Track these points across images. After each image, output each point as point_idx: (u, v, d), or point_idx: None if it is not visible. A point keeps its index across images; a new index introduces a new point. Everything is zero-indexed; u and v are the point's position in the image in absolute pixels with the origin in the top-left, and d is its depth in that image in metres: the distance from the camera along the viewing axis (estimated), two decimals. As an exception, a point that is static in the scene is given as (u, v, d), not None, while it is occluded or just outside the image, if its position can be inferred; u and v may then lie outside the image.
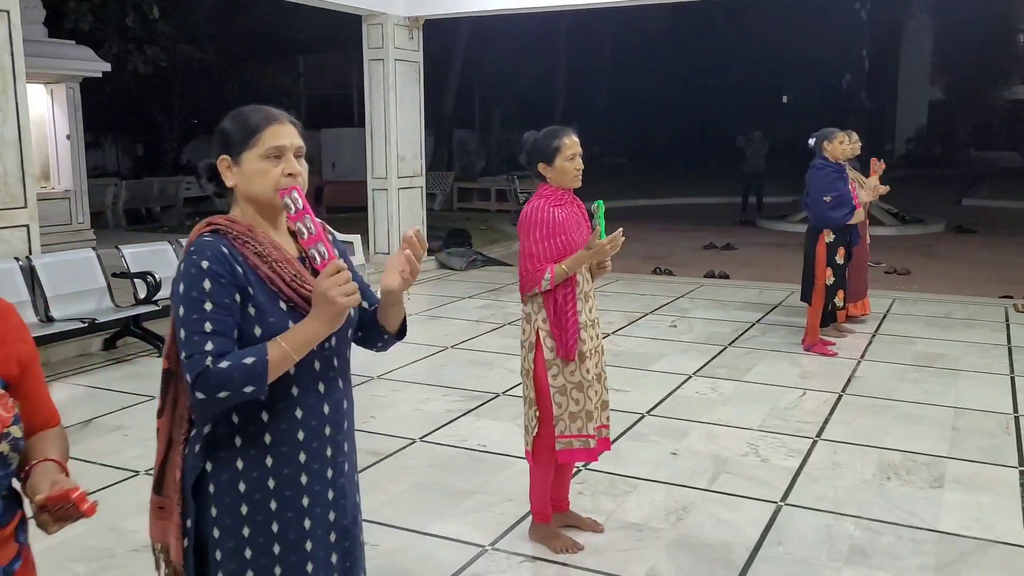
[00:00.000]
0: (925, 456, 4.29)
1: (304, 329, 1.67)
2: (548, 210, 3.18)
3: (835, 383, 5.55)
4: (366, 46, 9.44)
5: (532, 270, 3.16)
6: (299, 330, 1.67)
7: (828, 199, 5.90)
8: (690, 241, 13.42)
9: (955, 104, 35.06)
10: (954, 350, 6.35)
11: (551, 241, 3.16)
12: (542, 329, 3.22)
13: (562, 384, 3.23)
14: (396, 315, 1.91)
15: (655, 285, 9.19)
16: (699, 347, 6.47)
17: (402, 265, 1.78)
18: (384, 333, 1.95)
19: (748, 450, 4.38)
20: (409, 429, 4.67)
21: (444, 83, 21.60)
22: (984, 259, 11.51)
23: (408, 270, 1.78)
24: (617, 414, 4.85)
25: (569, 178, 3.23)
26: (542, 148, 3.22)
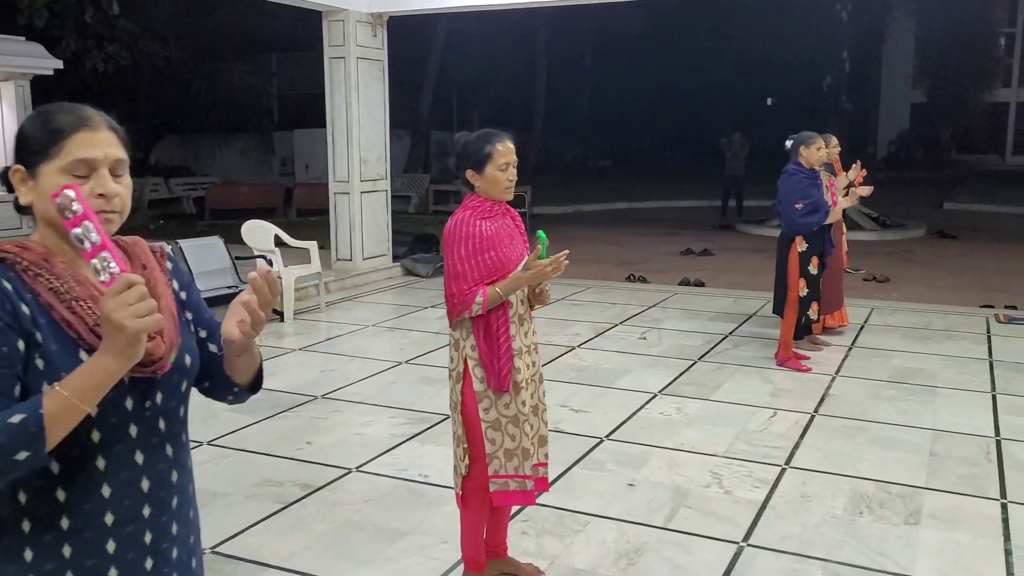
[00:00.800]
0: (900, 487, 3.97)
1: (91, 368, 1.28)
2: (475, 223, 2.83)
3: (808, 402, 5.23)
4: (327, 43, 9.07)
5: (460, 292, 2.81)
6: (84, 370, 1.28)
7: (800, 206, 5.59)
8: (668, 246, 13.12)
9: (937, 107, 35.06)
10: (933, 364, 6.05)
11: (479, 258, 2.80)
12: (471, 358, 2.87)
13: (495, 418, 2.88)
14: (246, 366, 1.56)
15: (628, 293, 8.86)
16: (667, 362, 6.15)
17: (241, 314, 1.43)
18: (233, 385, 1.60)
19: (711, 480, 4.05)
20: (346, 457, 4.31)
21: (421, 83, 21.23)
22: (965, 265, 11.27)
23: (248, 321, 1.43)
24: (574, 439, 4.54)
25: (500, 189, 2.88)
26: (472, 153, 2.87)
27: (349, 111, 9.06)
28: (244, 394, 1.62)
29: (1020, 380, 5.68)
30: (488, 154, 2.84)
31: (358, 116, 9.09)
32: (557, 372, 5.87)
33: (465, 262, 2.80)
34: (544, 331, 7.08)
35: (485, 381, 2.86)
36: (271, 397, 5.30)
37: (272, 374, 5.74)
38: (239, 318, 1.43)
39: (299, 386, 5.54)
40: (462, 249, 2.81)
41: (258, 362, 1.59)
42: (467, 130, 3.07)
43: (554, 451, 4.38)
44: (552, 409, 5.04)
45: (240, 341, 1.45)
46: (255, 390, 1.63)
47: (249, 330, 1.43)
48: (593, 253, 12.52)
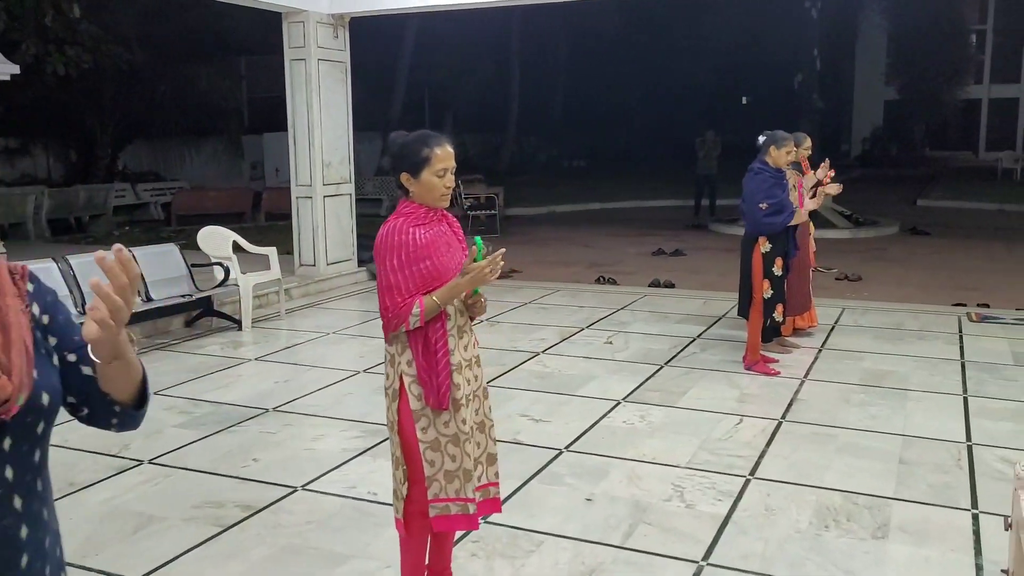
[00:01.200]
0: (868, 497, 3.83)
1: None
2: (408, 231, 2.64)
3: (775, 408, 5.09)
4: (287, 45, 8.86)
5: (394, 305, 2.62)
6: None
7: (764, 206, 5.45)
8: (640, 247, 12.99)
9: (910, 104, 35.25)
10: (904, 366, 5.93)
11: (414, 268, 2.62)
12: (407, 374, 2.69)
13: (434, 438, 2.70)
14: (122, 376, 1.34)
15: (596, 296, 8.71)
16: (633, 367, 5.99)
17: (96, 304, 1.22)
18: (114, 404, 1.39)
19: (672, 493, 3.89)
20: (292, 474, 4.11)
21: (391, 85, 21.01)
22: (937, 263, 11.21)
23: (104, 311, 1.22)
24: (532, 451, 4.37)
25: (435, 196, 2.70)
26: (408, 155, 2.69)
27: (310, 114, 8.85)
28: (129, 414, 1.41)
29: (992, 381, 5.57)
30: (425, 158, 2.66)
31: (320, 119, 8.88)
32: (519, 380, 5.71)
33: (399, 272, 2.62)
34: (509, 336, 6.94)
35: (423, 399, 2.68)
36: (220, 411, 5.10)
37: (223, 387, 5.56)
38: (91, 308, 1.23)
39: (251, 399, 5.32)
40: (395, 259, 2.62)
41: (138, 370, 1.39)
42: (440, 132, 2.90)
43: (512, 464, 4.23)
44: (512, 419, 4.89)
45: (102, 339, 1.24)
46: (141, 407, 1.43)
47: (106, 319, 1.22)
48: (564, 255, 12.38)
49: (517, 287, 9.30)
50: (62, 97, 16.08)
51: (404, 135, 2.77)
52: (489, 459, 2.86)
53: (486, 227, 14.98)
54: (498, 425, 4.79)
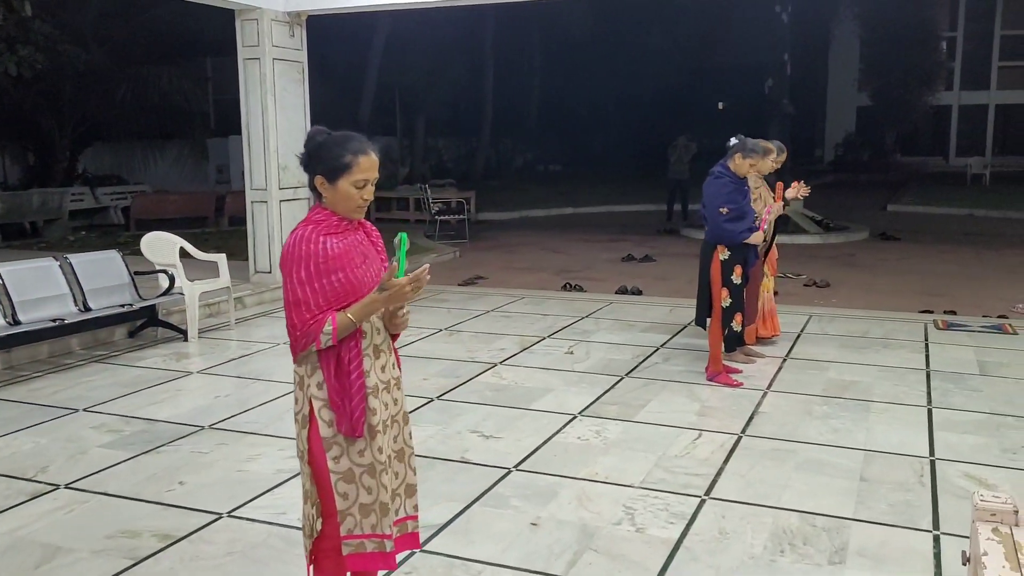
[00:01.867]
0: (826, 518, 3.64)
1: None
2: (318, 240, 2.40)
3: (735, 422, 4.90)
4: (240, 44, 8.59)
5: (302, 322, 2.38)
6: None
7: (724, 211, 5.26)
8: (610, 252, 12.80)
9: (882, 110, 35.47)
10: (868, 376, 5.77)
11: (323, 281, 2.38)
12: (317, 398, 2.45)
13: (347, 468, 2.46)
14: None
15: (561, 304, 8.49)
16: (592, 379, 5.78)
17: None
18: None
19: (623, 516, 3.68)
20: (219, 499, 3.85)
21: (360, 87, 20.72)
22: (906, 268, 11.11)
23: None
24: (479, 471, 4.15)
25: (350, 207, 2.46)
26: (326, 158, 2.44)
27: (265, 115, 8.58)
28: None
29: (956, 392, 5.42)
30: (346, 165, 2.42)
31: (275, 120, 8.61)
32: (473, 393, 5.48)
33: (307, 286, 2.37)
34: (468, 346, 6.72)
35: (334, 425, 2.45)
36: (153, 429, 4.83)
37: (159, 402, 5.29)
38: None
39: (187, 415, 5.06)
40: (302, 271, 2.38)
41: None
42: (411, 136, 2.66)
43: (457, 485, 4.00)
44: (462, 436, 4.67)
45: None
46: None
47: None
48: (532, 261, 12.17)
49: (481, 294, 9.08)
50: (17, 98, 15.64)
51: (325, 133, 2.52)
52: (408, 490, 2.62)
53: (456, 232, 14.75)
54: (446, 442, 4.60)
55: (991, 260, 11.88)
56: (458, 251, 12.78)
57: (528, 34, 29.36)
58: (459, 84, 25.15)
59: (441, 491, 3.93)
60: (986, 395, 5.34)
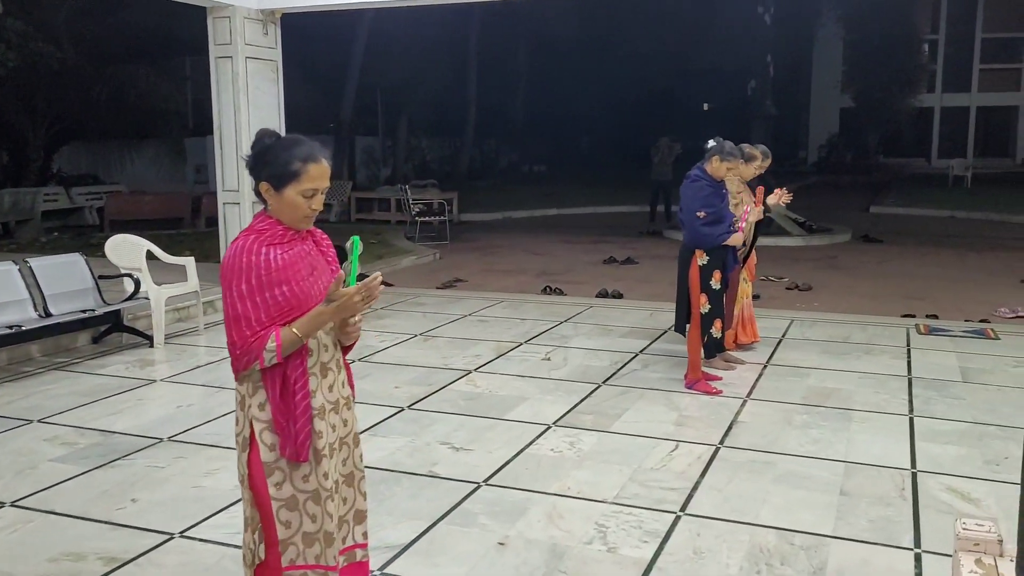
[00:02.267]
0: (805, 536, 3.50)
1: None
2: (260, 251, 2.24)
3: (714, 432, 4.76)
4: (211, 42, 8.39)
5: (243, 339, 2.21)
6: None
7: (702, 215, 5.13)
8: (592, 255, 12.67)
9: (865, 112, 35.58)
10: (850, 383, 5.65)
11: (266, 295, 2.21)
12: (258, 420, 2.29)
13: (290, 495, 2.30)
14: None
15: (540, 308, 8.35)
16: (568, 386, 5.63)
17: None
18: None
19: (594, 535, 3.53)
20: (172, 518, 3.67)
21: (342, 86, 20.51)
22: (888, 271, 11.04)
23: None
24: (447, 485, 3.99)
25: (297, 217, 2.29)
26: (272, 163, 2.27)
27: (238, 115, 8.38)
28: None
29: (938, 399, 5.30)
30: (294, 172, 2.25)
31: (248, 120, 8.41)
32: (445, 402, 5.32)
33: (247, 300, 2.21)
34: (443, 352, 6.55)
35: (277, 449, 2.28)
36: (108, 442, 4.64)
37: (118, 412, 5.10)
38: None
39: (146, 426, 4.87)
40: (243, 284, 2.21)
41: None
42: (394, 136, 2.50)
43: (423, 501, 3.84)
44: (431, 448, 4.51)
45: None
46: None
47: None
48: (513, 263, 12.02)
49: (459, 298, 8.91)
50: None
51: (272, 136, 2.33)
52: (357, 517, 2.47)
53: (437, 234, 14.59)
54: (415, 455, 4.44)
55: (973, 262, 11.83)
56: (438, 253, 12.62)
57: (513, 34, 29.20)
58: (443, 84, 24.98)
59: (406, 508, 3.77)
60: (968, 403, 5.23)
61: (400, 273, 10.92)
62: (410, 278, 10.49)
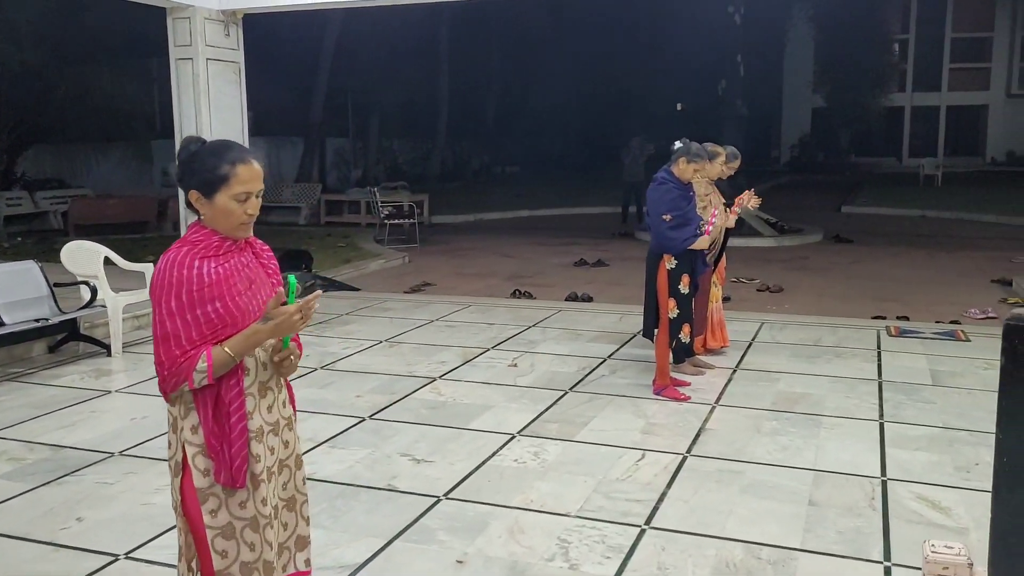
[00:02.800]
0: (772, 549, 3.42)
1: None
2: (192, 264, 2.11)
3: (681, 440, 4.67)
4: (171, 43, 8.19)
5: (171, 360, 2.08)
6: None
7: (668, 218, 5.05)
8: (563, 257, 12.59)
9: (836, 111, 35.81)
10: (820, 388, 5.59)
11: (197, 312, 2.08)
12: (191, 443, 2.16)
13: (226, 523, 2.17)
14: None
15: (509, 312, 8.24)
16: (534, 394, 5.52)
17: None
18: None
19: (556, 551, 3.42)
20: (117, 538, 3.52)
21: (311, 88, 20.29)
22: (859, 272, 11.05)
23: None
24: (406, 500, 3.87)
25: (232, 224, 2.16)
26: (200, 169, 2.15)
27: (199, 118, 8.19)
28: None
29: (908, 404, 5.26)
30: (223, 177, 2.12)
31: (210, 123, 8.22)
32: (407, 411, 5.19)
33: (177, 317, 2.08)
34: (408, 359, 6.42)
35: (211, 474, 2.15)
36: (58, 457, 4.47)
37: (70, 425, 4.92)
38: None
39: (97, 440, 4.70)
40: (173, 300, 2.08)
41: None
42: (364, 137, 2.36)
43: (380, 517, 3.72)
44: (391, 460, 4.39)
45: None
46: None
47: None
48: (483, 266, 11.91)
49: (426, 302, 8.79)
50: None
51: (198, 142, 2.21)
52: (299, 543, 2.34)
53: (407, 236, 14.45)
54: (374, 468, 4.31)
55: (943, 262, 11.88)
56: (407, 256, 12.48)
57: (484, 34, 29.10)
58: (414, 85, 24.82)
59: (362, 524, 3.64)
60: (939, 407, 5.18)
61: (368, 277, 10.77)
62: (378, 282, 10.35)
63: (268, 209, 18.40)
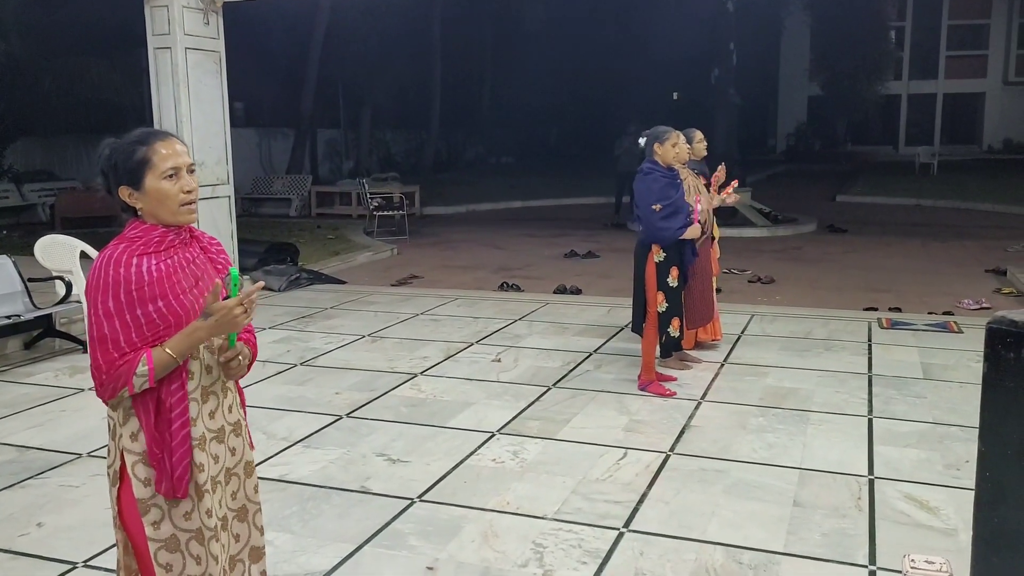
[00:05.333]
0: (754, 553, 3.31)
1: None
2: (130, 262, 1.98)
3: (664, 438, 4.56)
4: (149, 32, 8.04)
5: (109, 363, 1.95)
6: None
7: (658, 207, 4.92)
8: (553, 248, 12.46)
9: (832, 100, 35.63)
10: (808, 383, 5.47)
11: (136, 312, 1.95)
12: (130, 452, 2.04)
13: (170, 535, 2.05)
14: None
15: (495, 305, 8.11)
16: (517, 390, 5.40)
17: None
18: None
19: (530, 556, 3.31)
20: (77, 545, 3.40)
21: (302, 78, 20.09)
22: (852, 263, 10.93)
23: None
24: (379, 502, 3.75)
25: (173, 208, 2.04)
26: (120, 164, 2.03)
27: (178, 108, 8.05)
28: None
29: (898, 399, 5.14)
30: (143, 160, 2.00)
31: (189, 114, 8.08)
32: (386, 409, 5.07)
33: (115, 319, 1.95)
34: (390, 354, 6.30)
35: (152, 484, 2.03)
36: (24, 458, 4.35)
37: (38, 425, 4.80)
38: None
39: (65, 441, 4.58)
40: (110, 301, 1.96)
41: None
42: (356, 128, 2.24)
43: (351, 521, 3.60)
44: (366, 461, 4.27)
45: None
46: None
47: None
48: (472, 258, 11.77)
49: (412, 296, 8.66)
50: (-66, 91, 14.83)
51: (110, 141, 2.08)
52: (253, 554, 2.22)
53: (397, 228, 14.31)
54: (348, 468, 4.18)
55: (937, 252, 11.76)
56: (396, 248, 12.33)
57: (477, 24, 28.88)
58: (406, 75, 24.60)
59: (332, 529, 3.52)
60: (929, 402, 5.07)
61: (355, 270, 10.64)
62: (364, 275, 10.21)
63: (259, 201, 18.26)
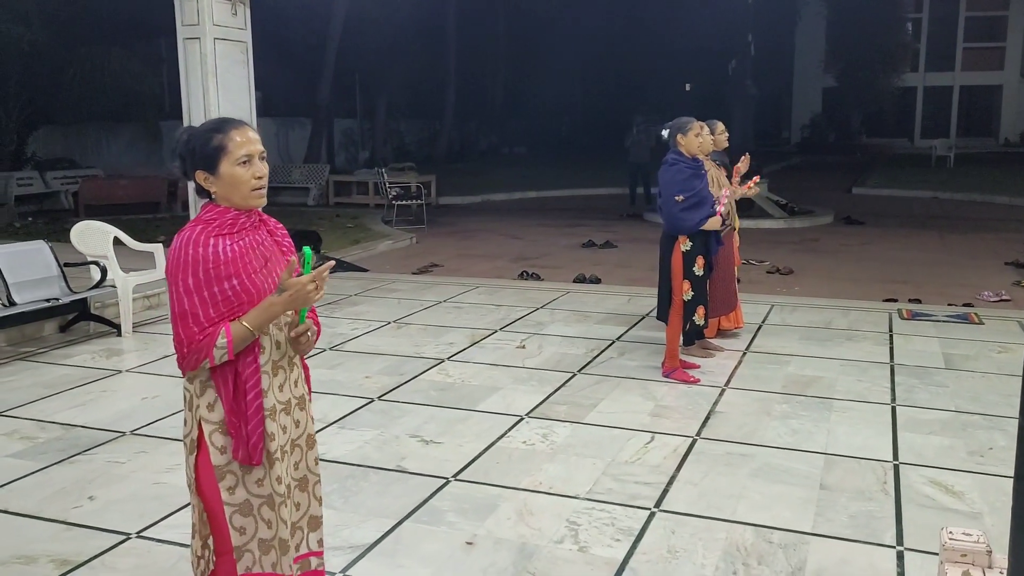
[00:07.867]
0: (783, 533, 3.41)
1: None
2: (207, 242, 2.10)
3: (691, 423, 4.66)
4: (179, 23, 8.15)
5: (190, 337, 2.07)
6: None
7: (681, 199, 5.01)
8: (571, 238, 12.55)
9: (847, 91, 35.49)
10: (831, 371, 5.56)
11: (214, 289, 2.08)
12: (208, 421, 2.16)
13: (243, 500, 2.17)
14: None
15: (516, 293, 8.21)
16: (542, 375, 5.51)
17: None
18: None
19: (565, 533, 3.42)
20: (129, 517, 3.54)
21: (319, 69, 20.20)
22: (870, 254, 10.98)
23: None
24: (415, 481, 3.87)
25: (244, 192, 2.16)
26: (197, 150, 2.15)
27: (207, 98, 8.16)
28: None
29: (921, 387, 5.23)
30: (219, 147, 2.13)
31: (217, 103, 8.18)
32: (417, 393, 5.19)
33: (195, 295, 2.07)
34: (416, 340, 6.42)
35: (228, 451, 2.15)
36: (70, 436, 4.49)
37: (81, 404, 4.94)
38: None
39: (109, 419, 4.72)
40: (190, 279, 2.08)
41: None
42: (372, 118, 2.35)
43: (390, 498, 3.72)
44: (400, 441, 4.39)
45: None
46: None
47: None
48: (490, 247, 11.88)
49: (433, 284, 8.77)
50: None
51: (188, 129, 2.23)
52: (312, 523, 2.34)
53: (414, 217, 14.42)
54: (383, 448, 4.31)
55: (955, 244, 11.79)
56: (415, 237, 12.45)
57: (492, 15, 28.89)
58: (421, 66, 24.68)
59: (372, 505, 3.65)
60: (952, 391, 5.15)
61: (376, 258, 10.76)
62: (386, 263, 10.34)
63: (277, 190, 18.38)
